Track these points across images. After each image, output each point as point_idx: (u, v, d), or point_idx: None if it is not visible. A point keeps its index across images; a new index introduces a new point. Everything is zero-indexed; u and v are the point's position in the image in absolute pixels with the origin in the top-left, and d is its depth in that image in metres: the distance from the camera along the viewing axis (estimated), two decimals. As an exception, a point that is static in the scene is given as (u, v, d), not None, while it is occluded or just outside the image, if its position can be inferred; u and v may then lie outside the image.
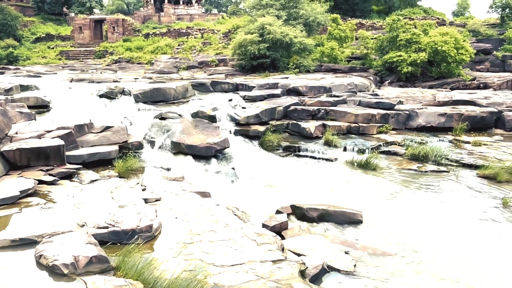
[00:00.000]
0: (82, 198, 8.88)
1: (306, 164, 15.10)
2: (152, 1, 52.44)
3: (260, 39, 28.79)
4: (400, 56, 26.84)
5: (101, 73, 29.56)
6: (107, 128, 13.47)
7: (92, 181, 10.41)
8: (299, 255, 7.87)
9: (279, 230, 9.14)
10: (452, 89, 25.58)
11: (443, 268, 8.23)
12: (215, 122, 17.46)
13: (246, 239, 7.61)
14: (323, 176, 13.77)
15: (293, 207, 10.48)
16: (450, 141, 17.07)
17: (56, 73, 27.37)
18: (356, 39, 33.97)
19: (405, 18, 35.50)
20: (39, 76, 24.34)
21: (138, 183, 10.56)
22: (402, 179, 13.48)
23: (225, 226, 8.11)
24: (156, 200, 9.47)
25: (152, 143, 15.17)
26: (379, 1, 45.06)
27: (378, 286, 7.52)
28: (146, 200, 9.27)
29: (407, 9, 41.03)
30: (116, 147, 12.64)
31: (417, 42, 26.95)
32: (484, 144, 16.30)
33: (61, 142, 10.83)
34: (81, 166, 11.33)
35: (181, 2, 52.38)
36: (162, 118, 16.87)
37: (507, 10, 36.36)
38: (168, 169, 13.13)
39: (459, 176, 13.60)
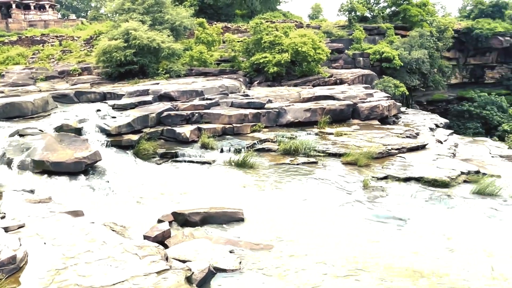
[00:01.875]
0: None
1: (184, 169, 14.95)
2: (-3, 7, 46.87)
3: (125, 45, 27.65)
4: (265, 57, 28.13)
5: None
6: (-51, 152, 11.68)
7: None
8: (184, 261, 7.74)
9: (162, 239, 8.89)
10: (314, 86, 27.61)
11: (321, 254, 8.82)
12: (83, 135, 16.35)
13: (127, 254, 7.24)
14: (202, 179, 13.78)
15: (174, 214, 10.30)
16: (316, 134, 18.44)
17: None
18: (224, 42, 34.66)
19: (267, 21, 37.39)
20: None
21: (-6, 211, 9.32)
22: (277, 173, 14.14)
23: (102, 244, 7.60)
24: (19, 227, 8.47)
25: (9, 165, 13.61)
26: (242, 6, 46.63)
27: (262, 279, 7.77)
28: (6, 229, 8.24)
29: (268, 13, 43.23)
30: (-37, 173, 11.02)
31: (279, 43, 28.54)
32: (344, 134, 17.97)
33: None
34: None
35: (32, 7, 47.71)
36: (20, 135, 15.23)
37: (353, 13, 40.62)
38: (32, 191, 11.85)
39: (326, 165, 14.77)
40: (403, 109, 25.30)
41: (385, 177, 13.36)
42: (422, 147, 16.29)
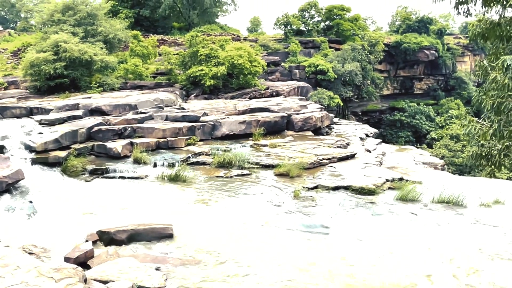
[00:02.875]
0: None
1: (115, 185, 14.51)
2: None
3: (55, 57, 26.55)
4: (202, 70, 28.17)
5: None
6: None
7: None
8: (106, 282, 7.50)
9: (84, 260, 8.56)
10: (250, 98, 27.99)
11: (251, 268, 8.87)
12: (6, 152, 15.46)
13: (42, 278, 6.90)
14: (133, 195, 13.45)
15: (99, 233, 9.96)
16: (251, 146, 18.66)
17: None
18: (160, 55, 34.33)
19: (204, 34, 37.53)
20: None
21: None
22: (210, 187, 14.12)
23: (15, 269, 7.19)
24: None
25: None
26: (180, 18, 46.53)
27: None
28: None
29: (205, 26, 43.42)
30: None
31: (216, 56, 28.72)
32: (278, 146, 18.32)
33: None
34: None
35: (-47, 17, 44.75)
36: None
37: (289, 27, 41.81)
38: None
39: (259, 176, 14.97)
40: (336, 119, 26.24)
41: (316, 187, 13.75)
42: (352, 156, 16.98)
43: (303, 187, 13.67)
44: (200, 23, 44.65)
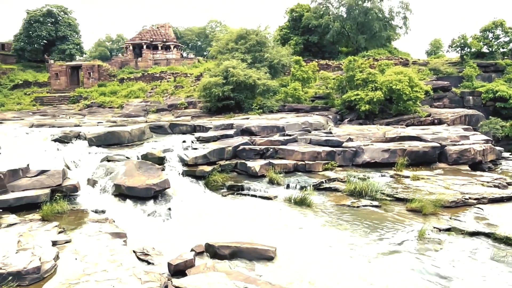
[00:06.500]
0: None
1: (245, 202, 15.31)
2: (131, 48, 53.93)
3: (224, 81, 29.67)
4: (357, 95, 27.70)
5: (69, 117, 30.08)
6: (42, 172, 13.75)
7: (10, 225, 10.61)
8: (190, 292, 8.00)
9: (183, 268, 9.27)
10: (407, 125, 26.25)
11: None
12: (165, 163, 17.80)
13: (133, 278, 7.79)
14: (257, 213, 13.96)
15: (207, 245, 10.66)
16: (392, 176, 17.42)
17: (22, 119, 27.83)
18: (321, 79, 35.04)
19: (369, 58, 36.80)
20: (0, 123, 24.78)
21: (56, 226, 10.73)
22: (332, 214, 13.70)
23: (118, 266, 8.29)
24: (66, 242, 9.65)
25: (94, 186, 15.44)
26: (348, 43, 46.72)
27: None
28: (55, 243, 9.45)
29: (373, 50, 42.55)
30: (47, 191, 12.87)
31: (373, 81, 27.90)
32: (422, 178, 16.67)
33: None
34: (7, 210, 11.58)
35: (159, 48, 53.91)
36: (108, 161, 17.21)
37: (466, 49, 37.87)
38: (103, 211, 13.34)
39: (388, 210, 13.88)
40: (506, 154, 22.51)
41: (449, 229, 12.07)
42: (508, 199, 14.35)
43: (434, 227, 12.15)
44: (368, 47, 44.01)
